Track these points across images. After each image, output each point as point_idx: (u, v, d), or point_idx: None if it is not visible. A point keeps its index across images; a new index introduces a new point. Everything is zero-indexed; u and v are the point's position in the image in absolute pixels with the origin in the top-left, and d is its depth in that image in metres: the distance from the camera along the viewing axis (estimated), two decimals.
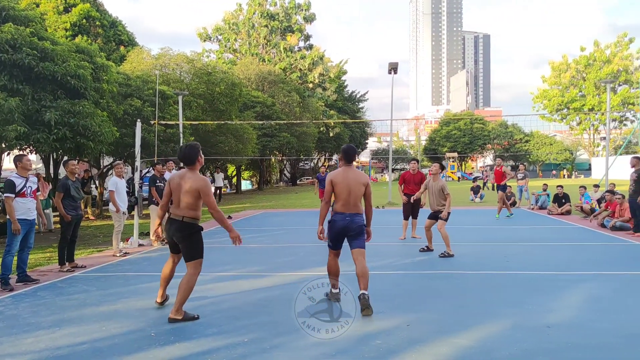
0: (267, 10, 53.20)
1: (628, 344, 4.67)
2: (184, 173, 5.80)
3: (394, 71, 23.76)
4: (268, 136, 38.36)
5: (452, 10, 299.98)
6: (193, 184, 5.65)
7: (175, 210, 5.73)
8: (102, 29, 30.11)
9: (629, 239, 11.24)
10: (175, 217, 5.70)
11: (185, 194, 5.65)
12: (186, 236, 5.67)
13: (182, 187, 5.68)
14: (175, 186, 5.75)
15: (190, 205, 5.66)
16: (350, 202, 6.00)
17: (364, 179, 6.16)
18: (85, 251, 10.94)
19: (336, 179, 6.04)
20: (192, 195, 5.65)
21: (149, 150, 17.99)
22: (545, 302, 6.09)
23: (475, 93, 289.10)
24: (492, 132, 72.13)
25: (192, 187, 5.64)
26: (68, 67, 13.83)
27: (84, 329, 5.45)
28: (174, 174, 6.04)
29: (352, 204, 6.01)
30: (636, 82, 60.09)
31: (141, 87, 20.32)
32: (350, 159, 6.23)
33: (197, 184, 5.66)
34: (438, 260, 8.99)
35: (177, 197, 5.74)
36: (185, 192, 5.65)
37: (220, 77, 27.49)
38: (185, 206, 5.66)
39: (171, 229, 5.73)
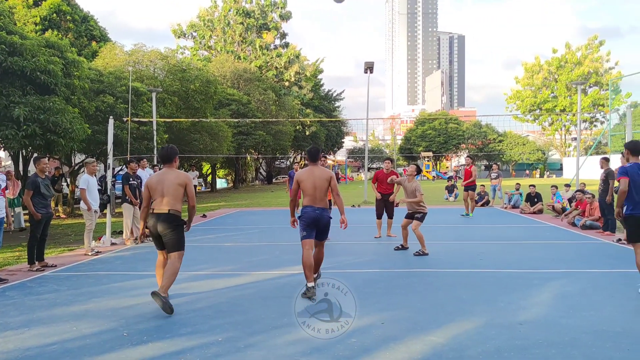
0: (243, 8, 52.88)
1: (597, 339, 4.76)
2: (164, 171, 6.19)
3: (370, 70, 23.85)
4: (244, 134, 38.13)
5: (427, 11, 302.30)
6: (177, 178, 6.07)
7: (159, 206, 6.00)
8: (73, 23, 29.54)
9: (598, 237, 11.47)
10: (160, 211, 5.98)
11: (170, 188, 6.01)
12: (172, 227, 5.98)
13: (165, 183, 6.03)
14: (156, 184, 6.06)
15: (176, 198, 6.03)
16: (317, 196, 6.56)
17: (327, 174, 6.66)
18: (55, 250, 10.74)
19: (302, 177, 6.65)
20: (176, 189, 6.03)
21: (122, 148, 17.76)
22: (518, 300, 6.18)
23: (450, 93, 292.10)
24: (467, 132, 72.94)
25: (177, 182, 6.05)
26: (38, 62, 13.56)
27: (54, 329, 5.34)
28: (151, 176, 6.36)
29: (319, 198, 6.57)
30: (606, 84, 61.39)
31: (114, 84, 20.01)
32: (315, 159, 6.79)
33: (182, 178, 6.10)
34: (413, 259, 9.05)
35: (159, 194, 6.03)
36: (170, 186, 6.01)
37: (195, 74, 27.23)
38: (170, 200, 5.99)
39: (157, 223, 5.97)
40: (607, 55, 65.59)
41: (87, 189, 9.99)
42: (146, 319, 5.64)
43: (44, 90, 14.05)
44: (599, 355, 4.40)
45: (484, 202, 20.51)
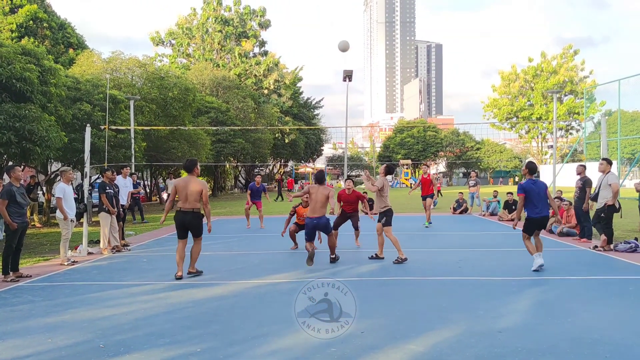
0: (222, 16, 52.73)
1: (574, 347, 4.81)
2: (188, 178, 8.32)
3: (348, 78, 23.91)
4: (222, 142, 37.92)
5: (405, 20, 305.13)
6: (198, 186, 8.24)
7: (185, 205, 8.21)
8: (50, 30, 29.24)
9: (575, 244, 11.62)
10: (186, 209, 8.21)
11: (191, 192, 8.17)
12: (196, 221, 8.30)
13: (189, 187, 8.17)
14: (182, 188, 8.20)
15: (197, 200, 8.24)
16: (316, 208, 9.25)
17: (327, 191, 9.38)
18: (30, 260, 10.54)
19: (312, 190, 9.47)
20: (197, 193, 8.20)
21: (99, 156, 17.54)
22: (496, 307, 6.22)
23: (428, 101, 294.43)
24: (445, 139, 73.52)
25: (197, 188, 8.21)
26: (13, 69, 13.37)
27: (29, 341, 5.24)
28: (178, 180, 8.44)
29: (317, 209, 9.25)
30: (581, 92, 62.47)
31: (91, 91, 19.79)
32: (321, 181, 9.58)
33: (200, 186, 8.28)
34: (391, 267, 9.07)
35: (184, 195, 8.18)
36: (192, 191, 8.17)
37: (174, 82, 27.06)
38: (192, 200, 8.20)
39: (185, 218, 8.23)
40: (582, 64, 66.77)
41: (64, 198, 9.87)
42: (123, 329, 5.56)
43: (20, 98, 13.84)
44: None
45: (463, 210, 20.68)
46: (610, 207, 10.64)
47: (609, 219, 10.72)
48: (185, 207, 8.18)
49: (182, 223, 8.26)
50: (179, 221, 8.27)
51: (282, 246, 11.83)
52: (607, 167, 10.90)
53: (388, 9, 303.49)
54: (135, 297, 7.12)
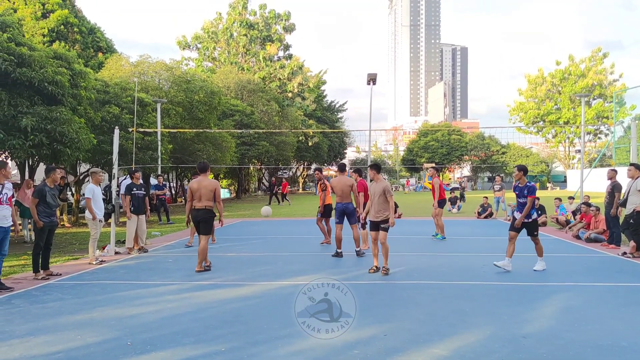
0: (247, 20, 53.20)
1: (601, 354, 4.75)
2: (202, 178, 9.11)
3: (372, 82, 23.90)
4: (247, 145, 38.25)
5: (430, 23, 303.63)
6: (211, 185, 9.03)
7: (198, 203, 9.01)
8: (80, 35, 29.80)
9: (603, 250, 11.44)
10: (199, 207, 9.00)
11: (205, 192, 8.95)
12: (207, 218, 9.05)
13: (202, 187, 8.95)
14: (196, 188, 8.99)
15: (210, 198, 9.00)
16: (343, 195, 10.68)
17: (350, 181, 10.80)
18: (60, 259, 10.78)
19: (333, 183, 10.82)
20: (210, 192, 8.98)
21: (127, 158, 17.85)
22: (521, 313, 6.17)
23: (452, 105, 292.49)
24: (470, 143, 72.92)
25: (211, 187, 9.00)
26: (45, 73, 13.69)
27: (59, 337, 5.37)
28: (192, 181, 9.21)
29: (345, 196, 10.68)
30: (610, 96, 61.40)
31: (119, 94, 20.15)
32: (343, 170, 11.19)
33: (213, 185, 9.08)
34: (414, 270, 9.06)
35: (198, 195, 8.98)
36: (206, 190, 8.95)
37: (199, 85, 27.37)
38: (205, 199, 8.98)
39: (198, 214, 9.02)
40: (611, 67, 65.67)
41: (93, 199, 10.08)
42: (150, 328, 5.66)
43: (51, 101, 14.16)
44: None
45: (487, 214, 20.49)
46: (639, 213, 10.46)
47: (638, 225, 10.53)
48: (199, 205, 9.01)
49: (195, 219, 9.11)
50: (194, 218, 9.15)
51: (306, 248, 11.89)
52: (635, 172, 10.72)
53: (413, 12, 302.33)
54: (162, 296, 7.24)
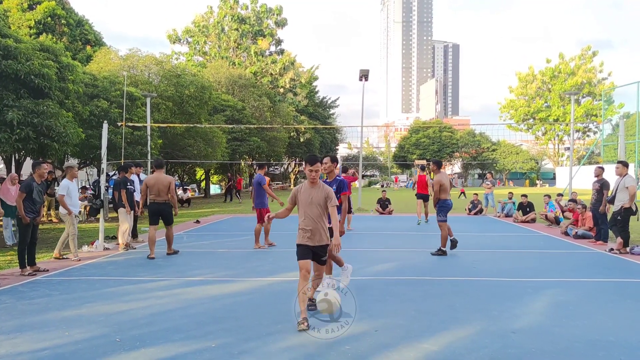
0: (238, 14, 52.96)
1: (589, 349, 4.78)
2: (158, 175, 10.17)
3: (364, 78, 23.93)
4: (238, 140, 38.10)
5: (422, 19, 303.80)
6: (166, 180, 10.15)
7: (157, 198, 10.09)
8: (68, 27, 29.56)
9: (590, 246, 11.51)
10: (160, 201, 10.11)
11: (162, 186, 10.04)
12: (168, 210, 10.21)
13: (159, 183, 10.01)
14: (153, 184, 10.04)
15: (166, 192, 10.09)
16: None
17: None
18: (47, 255, 10.68)
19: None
20: (165, 187, 10.07)
21: (116, 153, 17.72)
22: (511, 308, 6.19)
23: (444, 102, 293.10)
24: (460, 140, 73.21)
25: (166, 182, 10.11)
26: (32, 65, 13.54)
27: (46, 334, 5.31)
28: (149, 177, 10.39)
29: None
30: (599, 94, 61.81)
31: (108, 88, 20.00)
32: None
33: (168, 180, 10.20)
34: (406, 267, 9.06)
35: (156, 189, 10.05)
36: (163, 185, 10.04)
37: (190, 80, 27.23)
38: (164, 193, 10.08)
39: (160, 207, 10.13)
40: (600, 66, 66.13)
41: (67, 195, 9.81)
42: (139, 324, 5.61)
43: (38, 94, 14.01)
44: None
45: (478, 211, 20.57)
46: (627, 209, 10.56)
47: (625, 222, 10.64)
48: (159, 199, 10.10)
49: (156, 212, 10.16)
50: (153, 210, 10.18)
51: None
52: (623, 169, 10.82)
53: (405, 8, 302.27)
54: (151, 292, 7.19)
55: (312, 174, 5.59)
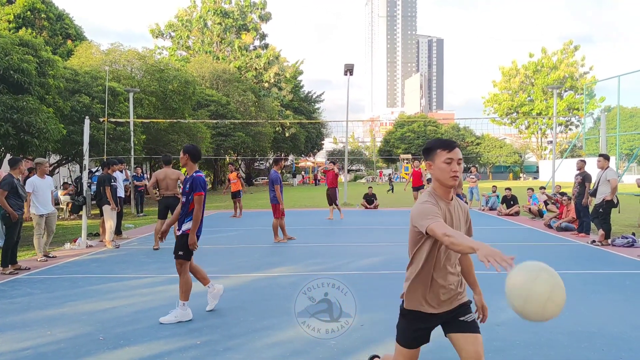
0: (221, 8, 52.55)
1: (572, 340, 4.83)
2: (167, 169, 10.68)
3: (349, 73, 23.92)
4: (222, 135, 37.88)
5: (407, 14, 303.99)
6: (174, 174, 10.63)
7: (166, 192, 10.50)
8: (48, 21, 29.13)
9: (573, 239, 11.65)
10: (168, 194, 10.46)
11: (170, 181, 10.49)
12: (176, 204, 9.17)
13: (167, 177, 10.50)
14: (162, 177, 10.52)
15: (175, 186, 10.53)
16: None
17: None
18: (29, 253, 10.53)
19: None
20: (174, 180, 10.54)
21: (98, 149, 17.54)
22: (495, 301, 6.22)
23: (428, 96, 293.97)
24: (445, 134, 73.52)
25: (174, 176, 10.58)
26: (11, 60, 13.33)
27: (28, 333, 5.23)
28: (159, 171, 10.75)
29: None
30: (581, 88, 62.40)
31: (90, 83, 19.75)
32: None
33: (177, 174, 10.70)
34: (391, 260, 9.08)
35: (165, 184, 10.48)
36: (171, 180, 10.50)
37: (173, 75, 26.97)
38: (172, 187, 10.51)
39: (168, 201, 10.43)
40: (582, 60, 66.72)
41: (34, 193, 9.21)
42: (123, 322, 5.56)
43: (18, 89, 13.80)
44: (575, 356, 4.46)
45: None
46: (608, 202, 10.68)
47: (606, 214, 10.77)
48: (167, 193, 10.47)
49: (166, 206, 10.42)
50: (164, 204, 10.48)
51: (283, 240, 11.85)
52: (605, 163, 10.94)
53: (390, 3, 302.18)
54: (135, 289, 7.13)
55: None
